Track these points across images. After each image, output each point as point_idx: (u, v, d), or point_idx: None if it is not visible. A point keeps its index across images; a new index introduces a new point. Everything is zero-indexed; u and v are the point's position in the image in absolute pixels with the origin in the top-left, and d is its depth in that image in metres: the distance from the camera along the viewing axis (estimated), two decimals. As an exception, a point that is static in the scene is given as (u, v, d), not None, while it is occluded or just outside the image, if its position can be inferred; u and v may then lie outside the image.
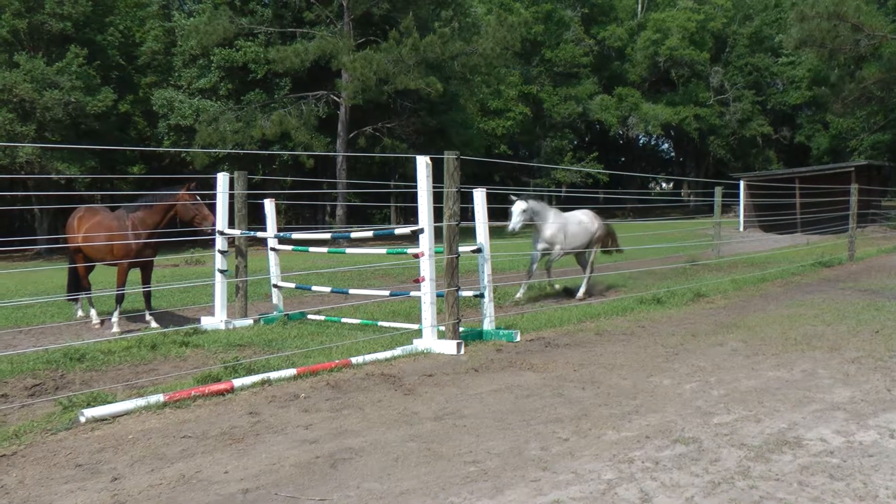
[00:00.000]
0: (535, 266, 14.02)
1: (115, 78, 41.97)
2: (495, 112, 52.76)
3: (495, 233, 10.47)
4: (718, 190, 22.16)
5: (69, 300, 12.71)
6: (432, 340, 8.98)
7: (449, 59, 40.52)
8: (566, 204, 55.23)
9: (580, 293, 14.02)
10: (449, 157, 9.20)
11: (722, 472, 4.81)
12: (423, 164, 9.01)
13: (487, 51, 41.25)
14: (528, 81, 57.46)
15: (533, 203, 13.68)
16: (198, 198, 11.59)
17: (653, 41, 63.29)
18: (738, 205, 38.86)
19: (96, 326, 11.84)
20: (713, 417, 6.02)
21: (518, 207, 13.38)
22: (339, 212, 38.65)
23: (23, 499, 4.75)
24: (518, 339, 9.54)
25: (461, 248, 9.41)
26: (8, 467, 5.30)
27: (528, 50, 57.06)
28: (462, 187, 9.31)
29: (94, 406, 6.48)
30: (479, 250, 9.94)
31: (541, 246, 13.92)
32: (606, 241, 15.13)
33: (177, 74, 41.96)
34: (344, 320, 11.18)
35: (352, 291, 12.24)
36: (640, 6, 69.56)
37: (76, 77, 37.14)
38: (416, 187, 9.13)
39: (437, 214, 9.17)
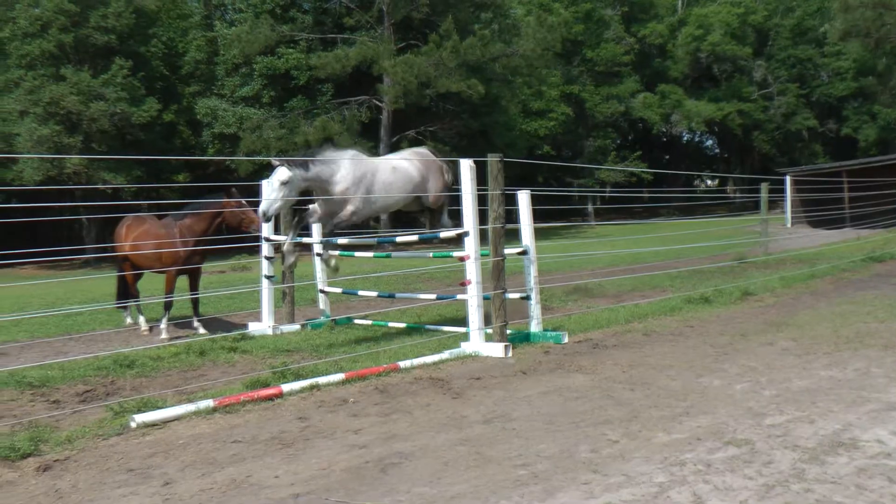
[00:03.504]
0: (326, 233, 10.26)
1: (159, 88, 42.50)
2: (537, 113, 52.53)
3: (541, 234, 10.43)
4: (764, 186, 21.87)
5: (118, 307, 12.88)
6: (479, 343, 8.97)
7: (490, 61, 40.45)
8: (610, 204, 54.92)
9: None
10: (492, 159, 9.19)
11: (776, 474, 4.74)
12: (466, 166, 9.01)
13: (528, 52, 41.11)
14: (569, 81, 57.14)
15: (299, 171, 9.26)
16: (244, 203, 11.69)
17: (694, 37, 62.65)
18: (785, 200, 38.33)
19: (145, 333, 11.99)
20: (765, 418, 5.94)
21: (277, 178, 9.14)
22: (383, 216, 38.71)
23: (76, 503, 4.82)
24: (566, 340, 9.50)
25: (506, 251, 9.39)
26: (62, 472, 5.39)
27: (569, 50, 56.74)
28: (506, 189, 9.30)
29: (144, 411, 6.57)
30: (524, 252, 9.92)
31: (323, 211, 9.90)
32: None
33: (220, 83, 42.35)
34: (390, 324, 11.21)
35: (398, 295, 12.27)
36: (680, 2, 68.94)
37: (121, 88, 37.72)
38: (459, 190, 9.14)
39: (482, 217, 9.17)
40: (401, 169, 10.24)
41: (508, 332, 9.26)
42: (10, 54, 38.21)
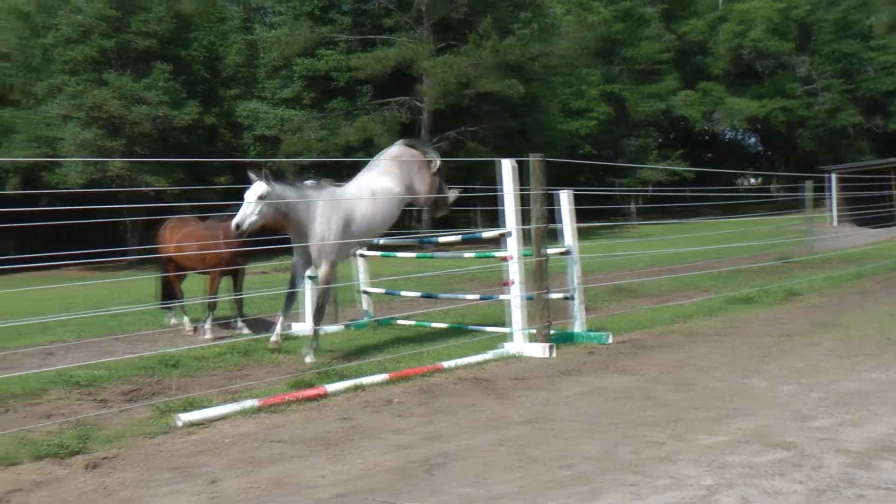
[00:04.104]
0: (297, 286, 9.62)
1: (200, 92, 42.90)
2: (578, 112, 52.29)
3: (583, 234, 10.39)
4: (809, 184, 21.62)
5: (162, 308, 13.00)
6: (522, 343, 8.96)
7: (529, 61, 40.38)
8: (652, 204, 54.41)
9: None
10: (534, 159, 9.17)
11: (825, 479, 4.67)
12: (507, 166, 9.00)
13: (567, 51, 41.00)
14: (609, 80, 56.79)
15: (280, 188, 8.84)
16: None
17: (736, 33, 61.90)
18: (830, 199, 37.79)
19: (189, 333, 12.09)
20: (812, 421, 5.86)
21: (254, 192, 8.67)
22: (424, 216, 38.81)
23: (124, 500, 4.88)
24: (610, 341, 9.45)
25: (549, 251, 9.37)
26: (109, 469, 5.46)
27: (609, 48, 56.41)
28: (547, 189, 9.27)
29: (189, 411, 6.64)
30: (567, 252, 9.88)
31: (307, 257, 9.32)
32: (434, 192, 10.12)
33: (260, 86, 42.66)
34: (433, 325, 11.22)
35: (441, 296, 12.27)
36: (720, -2, 68.24)
37: (163, 92, 38.20)
38: (499, 190, 9.13)
39: (524, 217, 9.15)
40: (380, 190, 9.44)
41: (551, 332, 9.24)
42: (53, 60, 38.81)
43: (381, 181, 9.51)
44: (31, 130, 37.70)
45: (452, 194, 10.31)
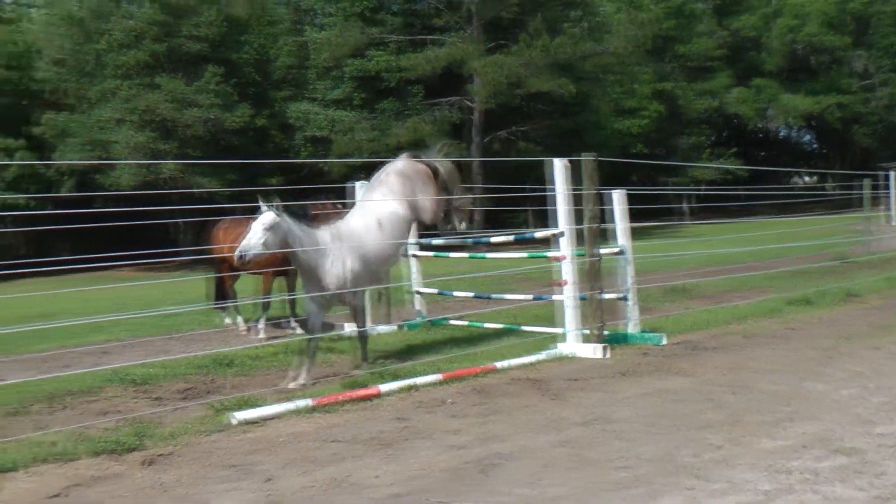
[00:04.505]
0: (316, 325, 8.81)
1: (251, 94, 43.32)
2: (629, 111, 51.93)
3: (635, 234, 10.30)
4: (867, 182, 21.21)
5: (215, 308, 13.15)
6: (576, 344, 8.93)
7: (580, 60, 40.16)
8: (705, 203, 53.72)
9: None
10: (586, 158, 9.12)
11: (890, 486, 4.56)
12: (560, 166, 8.96)
13: (619, 49, 40.72)
14: (661, 78, 56.30)
15: (291, 223, 8.42)
16: (339, 206, 11.80)
17: (790, 28, 60.90)
18: (889, 197, 37.05)
19: (243, 333, 12.21)
20: (875, 426, 5.73)
21: (261, 222, 8.32)
22: (476, 216, 38.73)
23: (181, 496, 4.94)
24: (664, 342, 9.35)
25: (602, 251, 9.30)
26: (166, 466, 5.54)
27: (660, 46, 55.93)
28: (599, 189, 9.21)
29: (244, 409, 6.71)
30: (620, 252, 9.81)
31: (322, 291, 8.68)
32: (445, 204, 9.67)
33: (311, 87, 42.93)
34: (486, 325, 11.20)
35: (493, 296, 12.25)
36: (774, -7, 67.23)
37: (214, 95, 38.68)
38: (550, 190, 9.09)
39: (576, 217, 9.09)
40: (387, 216, 8.94)
41: (605, 333, 9.17)
42: (106, 65, 39.51)
43: (387, 206, 9.00)
44: (86, 134, 38.40)
45: (463, 205, 9.95)
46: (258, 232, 8.17)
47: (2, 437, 6.34)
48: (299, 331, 11.86)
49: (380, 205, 9.02)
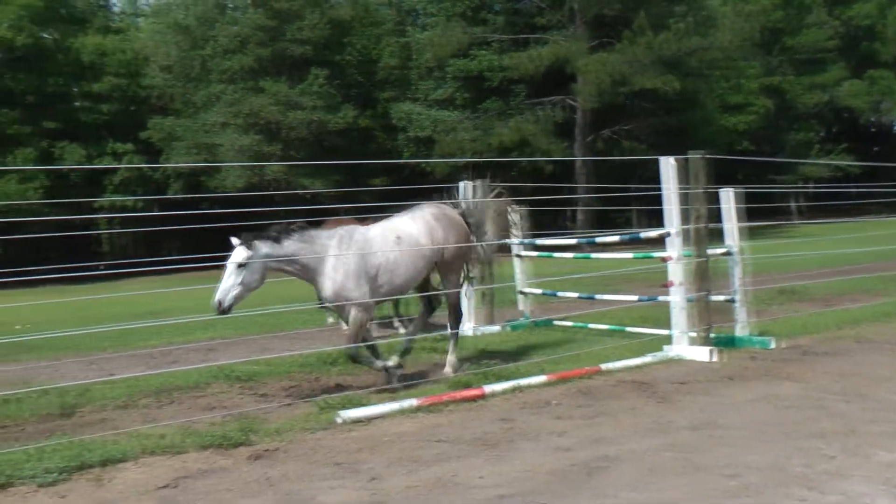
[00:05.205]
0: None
1: (354, 95, 43.96)
2: (736, 107, 50.84)
3: (744, 234, 10.08)
4: None
5: (321, 308, 13.35)
6: (683, 346, 8.80)
7: (685, 56, 39.56)
8: (815, 202, 52.09)
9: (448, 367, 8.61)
10: (694, 157, 8.98)
11: None
12: (668, 165, 8.84)
13: (725, 44, 39.98)
14: (769, 72, 54.91)
15: (266, 246, 7.83)
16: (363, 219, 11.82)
17: (907, 16, 58.61)
18: None
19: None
20: None
21: (233, 260, 7.66)
22: (580, 216, 38.50)
23: (287, 491, 5.04)
24: (773, 346, 9.14)
25: (710, 251, 9.15)
26: (272, 462, 5.66)
27: (768, 39, 54.50)
28: (708, 187, 9.06)
29: (349, 408, 6.79)
30: (728, 253, 9.63)
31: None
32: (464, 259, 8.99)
33: (414, 87, 43.30)
34: (591, 326, 11.13)
35: (598, 297, 12.15)
36: (891, -22, 64.66)
37: (318, 97, 39.46)
38: (656, 189, 8.98)
39: (684, 216, 8.96)
40: (406, 236, 8.33)
41: (713, 335, 9.01)
42: (211, 70, 40.73)
43: (410, 227, 8.43)
44: (192, 137, 39.71)
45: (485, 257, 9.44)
46: (231, 274, 7.56)
47: (113, 429, 6.57)
48: (402, 330, 11.95)
49: (406, 223, 8.50)
